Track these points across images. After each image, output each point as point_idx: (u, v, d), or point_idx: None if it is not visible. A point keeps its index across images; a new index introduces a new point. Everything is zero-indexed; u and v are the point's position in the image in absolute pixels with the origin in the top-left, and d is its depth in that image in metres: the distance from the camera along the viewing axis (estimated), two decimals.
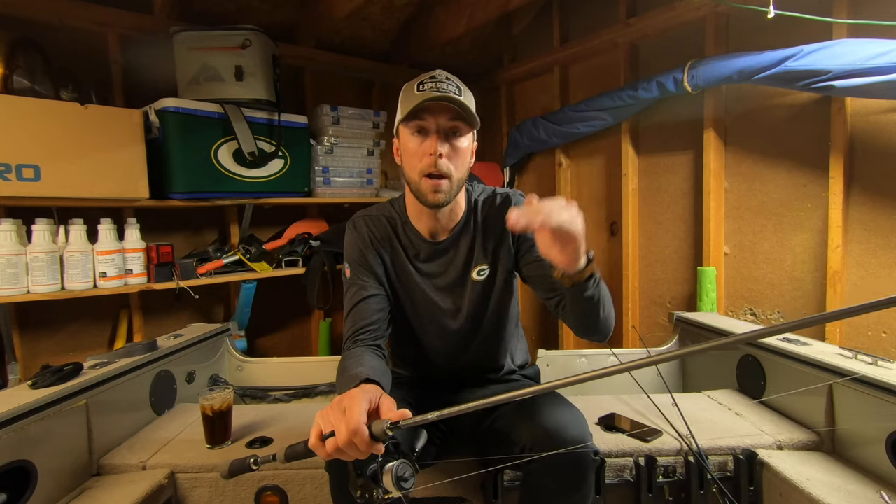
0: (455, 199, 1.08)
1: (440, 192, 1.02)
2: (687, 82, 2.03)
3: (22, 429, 1.03)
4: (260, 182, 2.28)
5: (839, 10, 1.70)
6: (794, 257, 1.92)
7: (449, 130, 1.02)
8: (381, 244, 1.14)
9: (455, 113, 1.01)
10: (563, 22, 2.79)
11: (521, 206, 0.78)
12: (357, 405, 0.70)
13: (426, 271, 1.15)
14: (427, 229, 1.14)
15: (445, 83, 1.02)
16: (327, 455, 0.71)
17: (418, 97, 0.99)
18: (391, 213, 1.18)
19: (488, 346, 1.22)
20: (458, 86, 1.04)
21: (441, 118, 1.01)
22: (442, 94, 0.98)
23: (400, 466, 0.71)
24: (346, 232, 1.18)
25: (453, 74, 1.07)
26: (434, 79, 1.03)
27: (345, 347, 1.05)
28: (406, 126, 1.04)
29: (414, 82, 1.04)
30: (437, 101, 0.99)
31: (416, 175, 1.04)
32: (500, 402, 0.65)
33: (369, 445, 0.68)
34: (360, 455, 0.69)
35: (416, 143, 1.03)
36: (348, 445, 0.68)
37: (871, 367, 1.16)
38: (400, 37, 2.92)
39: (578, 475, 0.94)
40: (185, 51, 2.10)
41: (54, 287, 1.77)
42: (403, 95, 1.06)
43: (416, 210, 1.13)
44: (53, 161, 1.72)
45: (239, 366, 1.93)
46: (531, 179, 3.16)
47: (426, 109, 1.00)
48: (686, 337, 1.84)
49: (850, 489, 1.04)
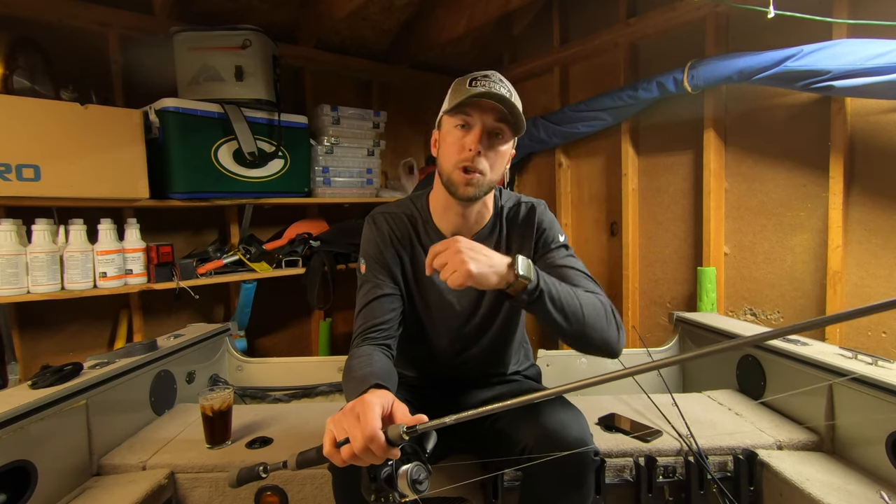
0: (484, 199, 1.08)
1: (472, 185, 1.01)
2: (687, 82, 2.03)
3: (22, 429, 1.03)
4: (260, 182, 2.28)
5: (839, 10, 1.70)
6: (794, 257, 1.92)
7: (492, 131, 1.01)
8: (400, 243, 1.13)
9: (501, 114, 1.00)
10: (563, 22, 2.79)
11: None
12: (371, 411, 0.70)
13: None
14: (451, 227, 1.12)
15: (498, 84, 1.01)
16: (343, 462, 0.70)
17: (468, 91, 0.98)
18: (412, 212, 1.16)
19: (496, 349, 1.22)
20: (510, 89, 1.03)
21: (487, 117, 1.00)
22: (492, 92, 0.97)
23: (415, 469, 0.71)
24: (364, 227, 1.16)
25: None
26: (487, 77, 1.02)
27: (353, 344, 1.04)
28: (451, 117, 1.03)
29: (466, 77, 1.03)
30: (487, 99, 0.98)
31: (450, 165, 1.02)
32: (514, 406, 0.65)
33: (386, 451, 0.68)
34: (376, 461, 0.69)
35: (457, 135, 1.02)
36: (364, 452, 0.68)
37: (870, 367, 1.16)
38: (400, 37, 2.92)
39: (579, 475, 0.94)
40: (185, 51, 2.10)
41: (54, 287, 1.77)
42: (454, 88, 1.05)
43: (442, 206, 1.11)
44: (53, 161, 1.72)
45: (239, 366, 1.93)
46: (531, 179, 3.16)
47: (474, 105, 0.99)
48: (686, 337, 1.84)
49: (850, 489, 1.04)
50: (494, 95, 0.97)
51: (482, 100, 0.98)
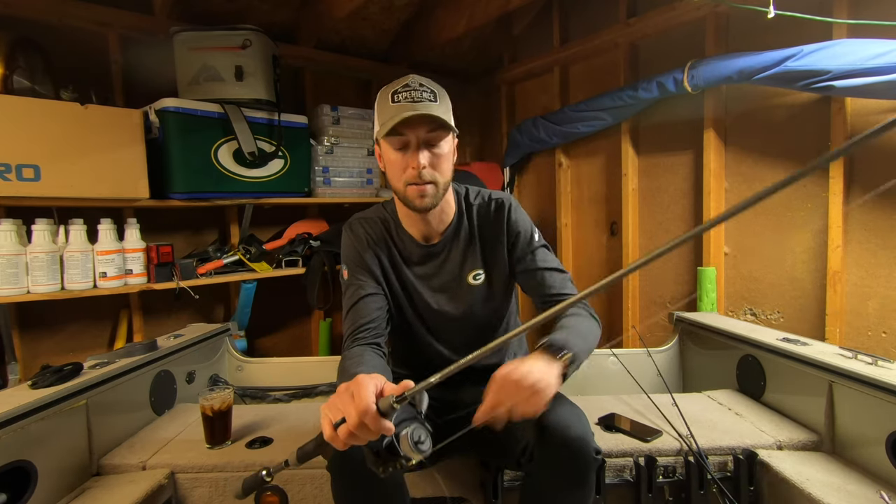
0: (443, 201, 1.09)
1: (426, 196, 1.04)
2: (687, 82, 2.03)
3: (22, 429, 1.03)
4: (260, 182, 2.28)
5: (839, 10, 1.70)
6: (794, 257, 1.92)
7: (428, 141, 1.03)
8: (377, 245, 1.16)
9: (433, 123, 1.01)
10: (563, 22, 2.79)
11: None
12: (364, 388, 0.70)
13: (420, 273, 1.17)
14: (418, 233, 1.15)
15: (420, 91, 1.01)
16: (343, 444, 0.71)
17: (394, 110, 0.99)
18: (385, 216, 1.19)
19: (487, 342, 1.22)
20: (433, 90, 1.03)
21: (420, 130, 1.01)
22: (417, 106, 0.98)
23: (413, 432, 0.72)
24: (342, 235, 1.20)
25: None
26: (408, 87, 1.02)
27: (345, 347, 1.05)
28: (386, 140, 1.04)
29: (387, 91, 1.03)
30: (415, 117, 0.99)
31: (401, 185, 1.05)
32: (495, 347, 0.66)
33: (379, 423, 0.68)
34: (372, 435, 0.70)
35: (397, 156, 1.04)
36: (360, 427, 0.69)
37: (871, 367, 1.16)
38: (400, 37, 2.92)
39: (580, 474, 0.94)
40: (185, 51, 2.10)
41: (54, 287, 1.77)
42: (379, 106, 1.05)
43: (405, 214, 1.15)
44: (53, 161, 1.72)
45: (239, 366, 1.93)
46: (531, 179, 3.16)
47: (404, 124, 1.00)
48: (686, 337, 1.84)
49: (850, 489, 1.04)
50: (419, 116, 0.98)
51: (411, 117, 0.98)
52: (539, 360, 0.88)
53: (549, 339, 0.93)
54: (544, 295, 1.12)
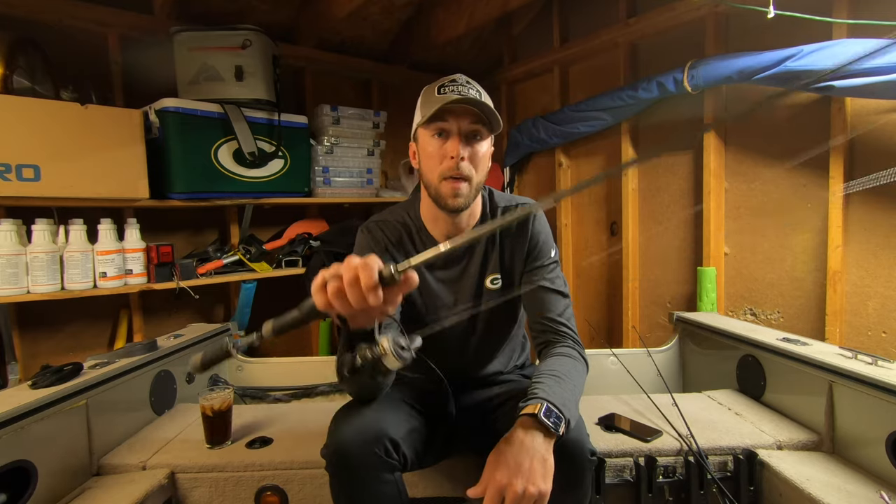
0: (472, 203, 1.09)
1: (460, 195, 1.03)
2: (687, 82, 2.03)
3: (22, 429, 1.03)
4: (260, 182, 2.28)
5: (839, 10, 1.70)
6: (794, 257, 1.92)
7: (470, 134, 1.03)
8: (395, 247, 1.14)
9: (477, 116, 1.01)
10: (563, 22, 2.79)
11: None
12: (370, 256, 0.68)
13: (441, 277, 1.16)
14: (443, 234, 1.14)
15: (466, 87, 1.02)
16: (326, 303, 0.67)
17: (440, 100, 0.99)
18: (405, 220, 1.17)
19: (495, 350, 1.23)
20: (479, 90, 1.04)
21: (463, 121, 1.01)
22: (464, 96, 0.99)
23: (399, 338, 0.69)
24: (357, 236, 1.18)
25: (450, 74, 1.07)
26: (455, 82, 1.03)
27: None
28: (426, 128, 1.04)
29: (434, 85, 1.04)
30: (460, 104, 0.99)
31: (435, 178, 1.04)
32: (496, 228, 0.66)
33: (375, 285, 0.65)
34: (361, 300, 0.66)
35: (436, 145, 1.03)
36: (352, 283, 0.65)
37: (871, 367, 1.16)
38: (400, 37, 2.92)
39: (575, 476, 0.94)
40: (184, 51, 2.10)
41: (54, 287, 1.77)
42: (423, 98, 1.06)
43: (432, 215, 1.13)
44: (53, 161, 1.72)
45: (239, 366, 1.92)
46: (531, 179, 3.16)
47: (448, 112, 1.00)
48: (686, 337, 1.84)
49: (850, 489, 1.04)
50: (467, 100, 0.98)
51: (456, 105, 0.99)
52: (534, 438, 0.86)
53: (546, 404, 0.89)
54: (541, 315, 1.10)
